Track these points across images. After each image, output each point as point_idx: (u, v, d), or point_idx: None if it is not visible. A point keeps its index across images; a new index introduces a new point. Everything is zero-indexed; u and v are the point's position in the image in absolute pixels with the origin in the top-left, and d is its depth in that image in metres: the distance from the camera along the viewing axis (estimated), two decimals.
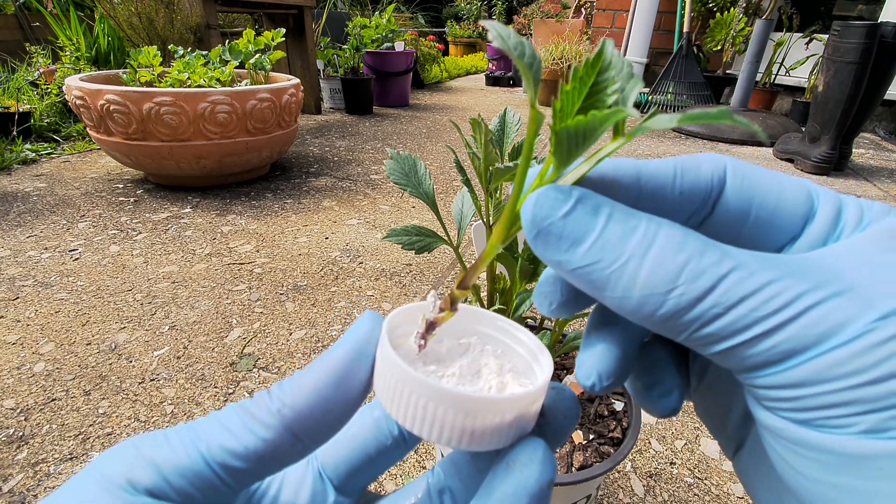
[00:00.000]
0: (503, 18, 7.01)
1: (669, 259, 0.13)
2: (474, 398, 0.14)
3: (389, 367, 0.15)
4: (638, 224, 0.14)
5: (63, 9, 2.63)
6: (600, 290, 0.14)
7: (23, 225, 1.36)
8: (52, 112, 2.23)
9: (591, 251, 0.14)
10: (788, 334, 0.12)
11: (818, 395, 0.12)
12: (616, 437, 0.51)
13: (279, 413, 0.15)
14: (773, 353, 0.12)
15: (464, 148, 0.63)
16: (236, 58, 1.79)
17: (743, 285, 0.13)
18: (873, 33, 1.82)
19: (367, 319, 0.17)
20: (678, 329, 0.13)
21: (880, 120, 3.04)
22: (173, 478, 0.14)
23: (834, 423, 0.12)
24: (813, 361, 0.12)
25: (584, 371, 0.17)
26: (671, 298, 0.13)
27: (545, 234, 0.14)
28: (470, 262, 1.27)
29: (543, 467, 0.15)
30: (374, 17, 3.15)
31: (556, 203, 0.14)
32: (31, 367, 0.84)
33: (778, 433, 0.13)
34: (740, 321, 0.12)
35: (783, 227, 0.16)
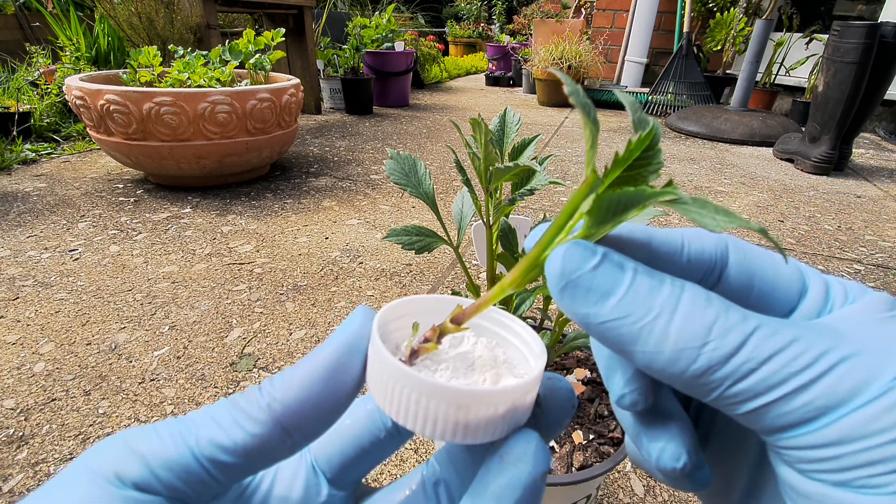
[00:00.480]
0: (503, 18, 7.01)
1: (699, 314, 0.13)
2: (465, 391, 0.14)
3: (380, 363, 0.15)
4: (663, 280, 0.14)
5: (63, 9, 2.63)
6: (630, 345, 0.14)
7: (23, 225, 1.36)
8: (52, 112, 2.23)
9: (621, 305, 0.14)
10: (821, 390, 0.12)
11: (857, 452, 0.12)
12: (616, 437, 0.51)
13: (269, 408, 0.15)
14: (808, 410, 0.12)
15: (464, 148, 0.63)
16: (236, 58, 1.79)
17: (771, 342, 0.13)
18: (873, 33, 1.82)
19: (358, 315, 0.17)
20: (711, 386, 0.13)
21: (880, 120, 3.04)
22: (161, 471, 0.14)
23: (874, 482, 0.12)
24: (846, 418, 0.12)
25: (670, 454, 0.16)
26: (704, 353, 0.13)
27: (573, 286, 0.14)
28: (470, 262, 1.26)
29: (537, 460, 0.15)
30: (374, 17, 3.16)
31: (585, 256, 0.14)
32: (31, 367, 0.84)
33: (810, 497, 0.13)
34: (773, 377, 0.13)
35: (782, 300, 0.16)
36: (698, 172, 2.09)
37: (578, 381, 0.57)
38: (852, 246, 1.43)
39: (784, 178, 2.06)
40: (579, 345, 0.55)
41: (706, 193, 1.83)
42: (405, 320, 0.18)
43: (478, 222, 0.60)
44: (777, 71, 3.25)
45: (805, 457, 0.13)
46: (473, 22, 7.22)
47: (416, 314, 0.19)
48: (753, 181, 2.00)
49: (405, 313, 0.18)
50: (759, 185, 1.94)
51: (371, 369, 0.16)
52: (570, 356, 0.62)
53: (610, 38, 4.06)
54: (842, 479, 0.12)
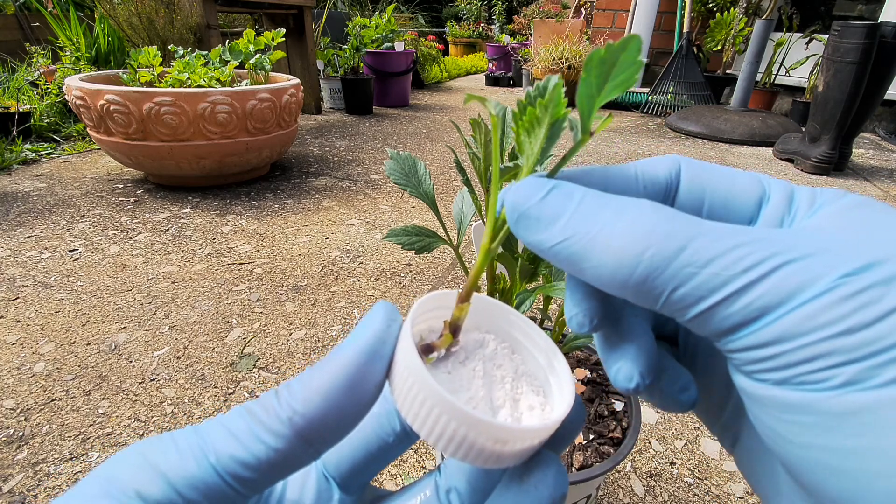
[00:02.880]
0: (503, 18, 7.01)
1: (640, 224, 0.14)
2: (508, 428, 0.14)
3: (416, 381, 0.15)
4: (610, 200, 0.15)
5: (63, 9, 2.63)
6: (580, 263, 0.14)
7: (23, 225, 1.36)
8: (52, 112, 2.23)
9: (567, 226, 0.14)
10: (760, 291, 0.12)
11: (793, 350, 0.12)
12: (616, 437, 0.51)
13: (290, 421, 0.14)
14: (748, 312, 0.12)
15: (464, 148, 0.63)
16: (236, 58, 1.79)
17: (713, 246, 0.13)
18: (873, 33, 1.82)
19: (379, 313, 0.16)
20: (654, 293, 0.14)
21: (880, 120, 3.04)
22: (184, 490, 0.13)
23: (812, 378, 0.12)
24: (786, 317, 0.12)
25: (624, 375, 0.17)
26: (644, 260, 0.13)
27: (525, 217, 0.15)
28: (470, 262, 1.26)
29: (557, 483, 0.15)
30: (374, 17, 3.16)
31: (533, 190, 0.15)
32: (31, 367, 0.84)
33: (761, 401, 0.13)
34: (713, 280, 0.13)
35: (739, 211, 0.16)
36: None
37: (578, 381, 0.57)
38: None
39: (784, 178, 2.06)
40: (579, 345, 0.55)
41: None
42: (428, 315, 0.18)
43: (478, 222, 0.60)
44: (777, 71, 3.24)
45: (749, 358, 0.13)
46: (473, 22, 7.22)
47: (441, 309, 0.18)
48: None
49: (430, 308, 0.18)
50: None
51: (400, 378, 0.15)
52: (569, 356, 0.62)
53: (610, 38, 4.06)
54: (782, 377, 0.12)
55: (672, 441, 0.74)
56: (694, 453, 0.72)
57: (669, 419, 0.78)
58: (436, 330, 0.18)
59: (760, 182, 0.17)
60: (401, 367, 0.15)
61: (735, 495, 0.66)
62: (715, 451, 0.72)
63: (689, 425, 0.77)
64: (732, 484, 0.67)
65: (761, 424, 0.14)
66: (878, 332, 0.11)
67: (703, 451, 0.72)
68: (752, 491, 0.66)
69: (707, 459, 0.71)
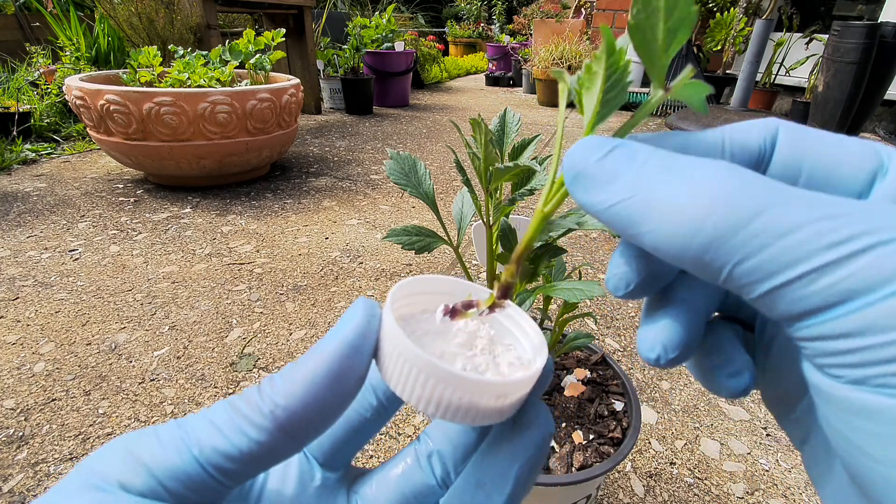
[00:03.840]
0: (503, 18, 7.01)
1: (708, 186, 0.12)
2: (506, 383, 0.16)
3: (404, 355, 0.15)
4: (679, 160, 0.13)
5: (63, 9, 2.63)
6: (635, 227, 0.13)
7: (23, 225, 1.36)
8: (52, 112, 2.23)
9: (627, 187, 0.13)
10: (846, 272, 0.10)
11: (879, 345, 0.10)
12: (616, 437, 0.51)
13: (272, 415, 0.14)
14: (829, 295, 0.11)
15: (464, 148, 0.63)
16: (236, 58, 1.79)
17: (795, 214, 0.11)
18: (873, 33, 1.82)
19: (359, 309, 0.16)
20: (715, 265, 0.12)
21: (880, 120, 3.04)
22: (167, 481, 0.14)
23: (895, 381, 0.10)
24: (876, 306, 0.10)
25: (647, 344, 0.16)
26: (706, 227, 0.12)
27: (582, 176, 0.14)
28: (470, 262, 1.26)
29: (547, 422, 0.17)
30: (374, 17, 3.16)
31: (594, 149, 0.14)
32: (31, 367, 0.84)
33: (832, 401, 0.12)
34: (790, 253, 0.11)
35: (844, 186, 0.14)
36: None
37: (578, 381, 0.57)
38: None
39: None
40: (579, 345, 0.55)
41: None
42: (412, 299, 0.19)
43: (478, 222, 0.60)
44: (777, 71, 3.24)
45: (824, 349, 0.11)
46: (473, 22, 7.22)
47: (425, 293, 0.19)
48: None
49: (414, 292, 0.19)
50: None
51: (388, 355, 0.16)
52: (570, 356, 0.62)
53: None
54: (861, 376, 0.11)
55: (672, 441, 0.74)
56: (694, 453, 0.72)
57: (670, 419, 0.78)
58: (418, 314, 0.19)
59: (877, 152, 0.14)
60: (390, 351, 0.16)
61: (735, 495, 0.66)
62: (715, 452, 0.72)
63: (688, 425, 0.77)
64: (732, 484, 0.67)
65: (830, 427, 0.12)
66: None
67: (703, 451, 0.72)
68: (751, 491, 0.66)
69: (707, 459, 0.71)
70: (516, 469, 0.16)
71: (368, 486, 0.19)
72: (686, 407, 0.81)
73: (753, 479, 0.68)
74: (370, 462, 0.69)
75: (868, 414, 0.11)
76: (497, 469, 0.16)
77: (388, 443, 0.72)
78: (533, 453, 0.16)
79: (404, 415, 0.77)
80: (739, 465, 0.70)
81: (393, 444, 0.72)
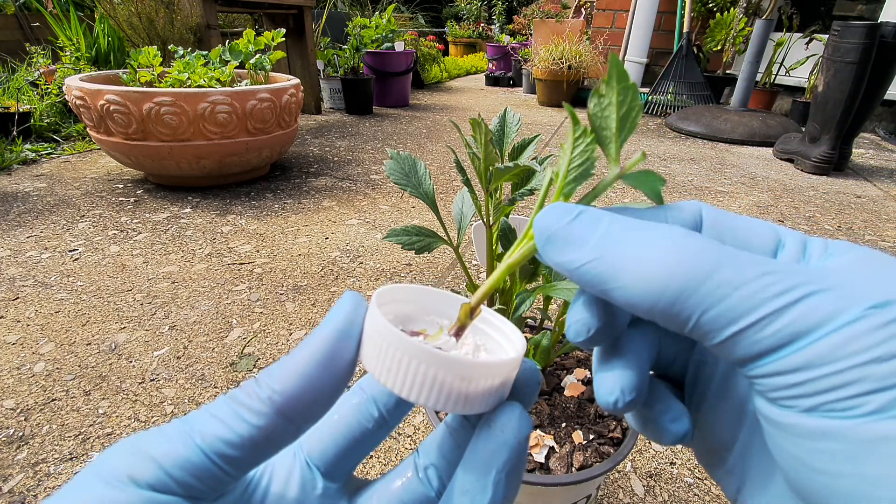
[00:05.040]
0: (503, 18, 7.01)
1: (671, 246, 0.14)
2: (471, 363, 0.16)
3: (384, 336, 0.16)
4: (640, 224, 0.15)
5: (63, 9, 2.63)
6: (605, 284, 0.15)
7: (23, 225, 1.36)
8: (52, 112, 2.23)
9: (595, 247, 0.15)
10: (792, 317, 0.12)
11: (823, 376, 0.12)
12: (616, 437, 0.51)
13: (270, 400, 0.15)
14: (779, 337, 0.13)
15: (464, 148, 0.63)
16: (236, 58, 1.79)
17: (745, 271, 0.13)
18: (873, 33, 1.82)
19: (347, 300, 0.17)
20: (683, 316, 0.14)
21: (880, 120, 3.04)
22: (174, 471, 0.14)
23: (841, 405, 0.12)
24: (816, 343, 0.12)
25: (606, 389, 0.17)
26: (674, 282, 0.13)
27: (553, 239, 0.16)
28: (470, 262, 1.26)
29: (521, 425, 0.17)
30: (374, 17, 3.16)
31: (562, 214, 0.16)
32: (31, 367, 0.84)
33: (787, 429, 0.13)
34: (745, 303, 0.13)
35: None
36: (698, 172, 2.09)
37: (578, 381, 0.57)
38: None
39: (784, 178, 2.06)
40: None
41: (706, 193, 1.83)
42: (396, 306, 0.20)
43: (478, 222, 0.60)
44: (777, 71, 3.24)
45: (777, 384, 0.13)
46: (473, 22, 7.22)
47: (408, 302, 0.20)
48: (753, 181, 2.00)
49: (397, 299, 0.20)
50: (759, 186, 1.94)
51: (371, 345, 0.16)
52: (569, 356, 0.62)
53: (610, 38, 4.06)
54: (811, 404, 0.12)
55: None
56: (694, 453, 0.72)
57: None
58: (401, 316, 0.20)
59: (776, 230, 0.17)
60: (371, 333, 0.16)
61: None
62: None
63: None
64: None
65: (784, 454, 0.14)
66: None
67: None
68: None
69: None
70: (493, 475, 0.16)
71: (369, 498, 0.20)
72: None
73: None
74: (370, 461, 0.69)
75: (820, 436, 0.12)
76: (475, 475, 0.17)
77: (388, 443, 0.72)
78: (508, 457, 0.16)
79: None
80: None
81: (393, 443, 0.72)
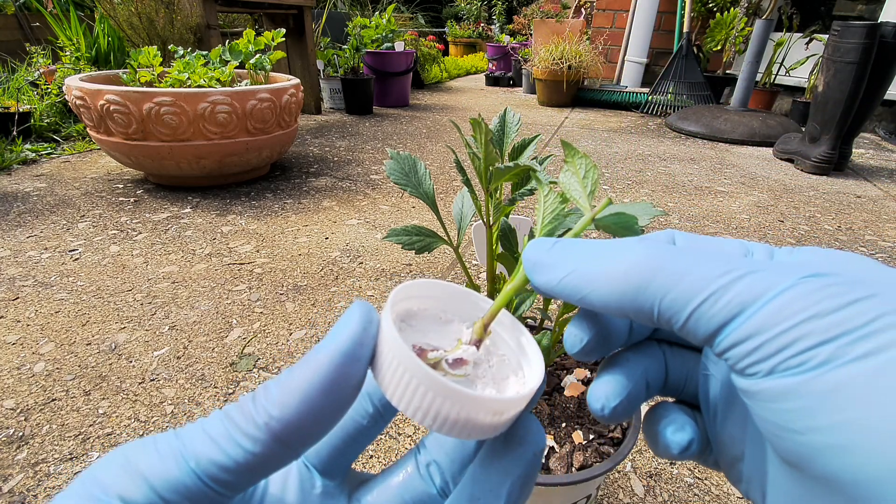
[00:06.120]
0: (503, 18, 7.01)
1: (626, 253, 0.17)
2: (498, 400, 0.16)
3: (403, 364, 0.15)
4: (605, 243, 0.18)
5: (63, 9, 2.63)
6: (581, 291, 0.17)
7: (23, 225, 1.36)
8: (52, 112, 2.23)
9: (569, 265, 0.17)
10: (736, 290, 0.14)
11: (772, 338, 0.13)
12: (616, 437, 0.51)
13: (266, 426, 0.14)
14: (728, 309, 0.14)
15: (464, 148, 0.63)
16: (236, 58, 1.79)
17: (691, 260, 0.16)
18: (873, 33, 1.82)
19: (356, 316, 0.16)
20: (647, 305, 0.16)
21: (880, 120, 3.04)
22: (167, 493, 0.14)
23: (793, 362, 0.13)
24: (761, 310, 0.14)
25: (594, 396, 0.20)
26: (632, 277, 0.16)
27: (537, 265, 0.18)
28: (470, 262, 1.26)
29: (538, 439, 0.17)
30: (374, 17, 3.16)
31: (543, 245, 0.19)
32: (31, 367, 0.84)
33: (757, 397, 0.14)
34: (695, 284, 0.15)
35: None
36: (698, 172, 2.09)
37: (578, 381, 0.57)
38: (852, 246, 1.43)
39: (784, 178, 2.06)
40: None
41: (706, 193, 1.83)
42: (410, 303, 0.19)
43: (478, 222, 0.60)
44: (777, 71, 3.24)
45: (738, 354, 0.14)
46: (473, 22, 7.22)
47: (425, 298, 0.20)
48: (753, 181, 2.00)
49: (411, 296, 0.19)
50: (758, 186, 1.94)
51: (387, 368, 0.16)
52: (569, 356, 0.62)
53: (610, 38, 4.06)
54: (769, 367, 0.13)
55: None
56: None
57: None
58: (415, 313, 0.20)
59: (744, 245, 0.19)
60: (388, 358, 0.16)
61: (735, 495, 0.66)
62: None
63: None
64: None
65: (764, 423, 0.15)
66: (844, 315, 0.13)
67: None
68: None
69: None
70: (508, 485, 0.17)
71: (370, 494, 0.19)
72: None
73: None
74: (370, 462, 0.69)
75: (783, 396, 0.13)
76: (489, 485, 0.17)
77: (389, 443, 0.72)
78: (524, 470, 0.17)
79: (404, 415, 0.77)
80: None
81: (393, 444, 0.72)
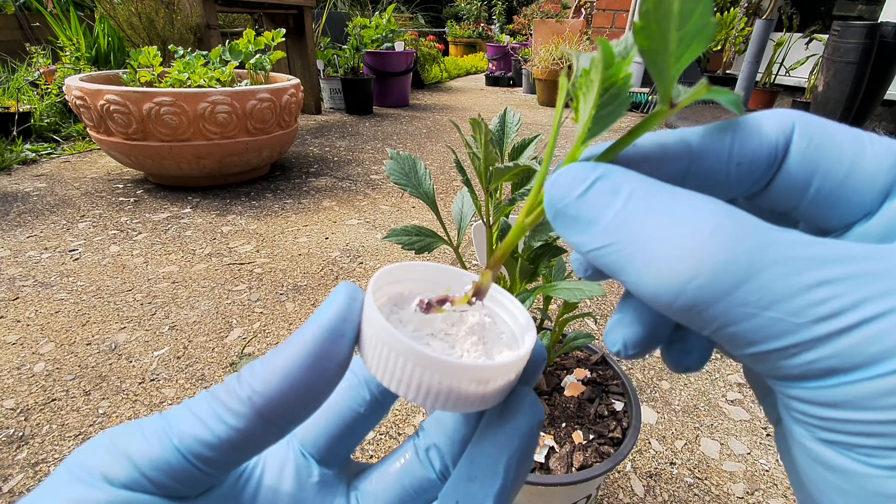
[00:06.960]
0: (503, 18, 7.01)
1: (692, 241, 0.11)
2: (488, 367, 0.15)
3: (383, 338, 0.15)
4: (663, 200, 0.12)
5: (63, 9, 2.63)
6: (618, 274, 0.13)
7: (23, 225, 1.36)
8: (52, 112, 2.23)
9: (607, 232, 0.13)
10: (835, 349, 0.10)
11: (856, 421, 0.10)
12: (616, 437, 0.51)
13: (249, 400, 0.14)
14: (812, 369, 0.10)
15: (464, 148, 0.63)
16: (236, 58, 1.79)
17: (784, 283, 0.10)
18: (873, 33, 1.82)
19: (340, 294, 0.15)
20: (701, 324, 0.12)
21: (880, 120, 3.04)
22: (149, 472, 0.14)
23: (864, 451, 0.10)
24: (859, 385, 0.10)
25: (611, 338, 0.16)
26: (689, 290, 0.11)
27: (562, 215, 0.14)
28: (470, 262, 1.26)
29: (534, 411, 0.16)
30: (374, 17, 3.16)
31: (574, 182, 0.13)
32: (31, 367, 0.84)
33: (802, 445, 0.12)
34: (774, 326, 0.10)
35: (854, 200, 0.13)
36: None
37: (578, 381, 0.57)
38: None
39: None
40: (579, 345, 0.55)
41: None
42: (399, 286, 0.19)
43: (478, 222, 0.60)
44: (777, 71, 3.25)
45: (800, 408, 0.11)
46: (473, 22, 7.22)
47: (409, 280, 0.19)
48: None
49: (400, 279, 0.19)
50: None
51: (370, 342, 0.15)
52: (570, 356, 0.62)
53: (610, 38, 4.04)
54: (832, 440, 0.11)
55: (672, 441, 0.74)
56: (694, 453, 0.72)
57: (670, 419, 0.78)
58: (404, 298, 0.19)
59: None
60: (370, 335, 0.15)
61: (735, 495, 0.66)
62: (715, 451, 0.72)
63: (688, 425, 0.77)
64: (732, 484, 0.67)
65: (798, 454, 0.12)
66: None
67: (702, 451, 0.72)
68: (751, 491, 0.66)
69: (707, 459, 0.71)
70: (505, 461, 0.16)
71: (368, 482, 0.19)
72: (686, 407, 0.81)
73: (753, 479, 0.68)
74: (370, 462, 0.69)
75: (834, 469, 0.11)
76: (486, 462, 0.16)
77: (389, 443, 0.72)
78: (520, 444, 0.16)
79: (404, 414, 0.77)
80: (739, 465, 0.70)
81: (393, 444, 0.72)
